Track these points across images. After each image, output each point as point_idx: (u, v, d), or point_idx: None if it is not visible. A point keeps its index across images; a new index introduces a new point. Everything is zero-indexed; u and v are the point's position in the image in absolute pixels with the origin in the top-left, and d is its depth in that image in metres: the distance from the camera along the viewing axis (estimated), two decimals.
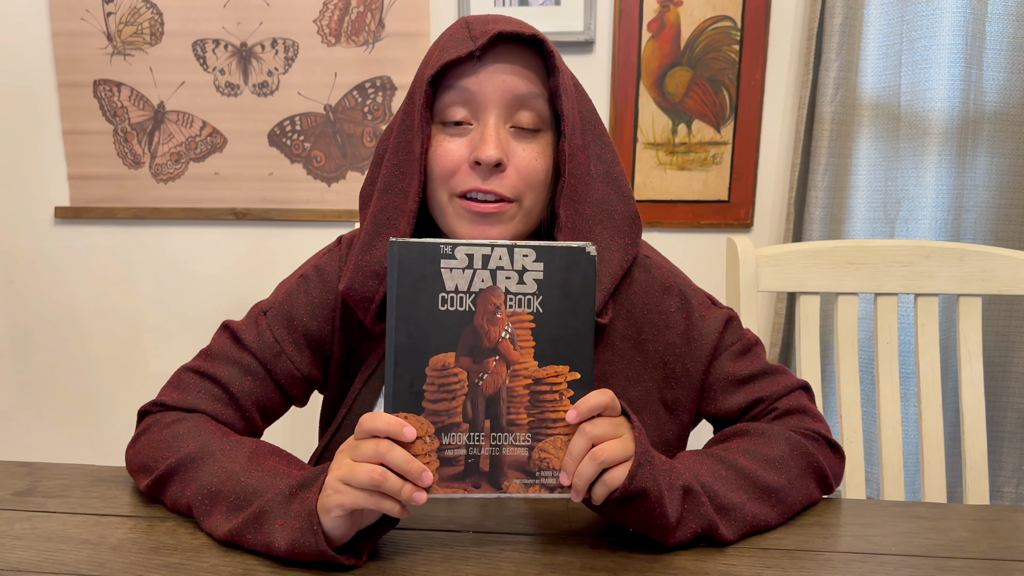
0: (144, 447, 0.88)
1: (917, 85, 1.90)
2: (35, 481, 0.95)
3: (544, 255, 0.72)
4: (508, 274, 0.71)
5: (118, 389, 2.42)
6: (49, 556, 0.76)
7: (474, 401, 0.72)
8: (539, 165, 0.87)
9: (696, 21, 2.03)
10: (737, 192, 2.11)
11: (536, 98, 0.86)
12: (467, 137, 0.87)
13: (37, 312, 2.39)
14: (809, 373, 1.31)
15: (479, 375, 0.71)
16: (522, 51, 0.86)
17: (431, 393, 0.71)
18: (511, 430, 0.72)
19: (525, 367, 0.72)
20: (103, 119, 2.22)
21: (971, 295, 1.30)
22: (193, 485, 0.81)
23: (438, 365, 0.71)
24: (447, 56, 0.84)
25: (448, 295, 0.71)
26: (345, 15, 2.11)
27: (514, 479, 0.72)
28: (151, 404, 0.92)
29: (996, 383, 2.00)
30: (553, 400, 0.72)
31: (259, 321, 0.96)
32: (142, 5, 2.14)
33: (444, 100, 0.86)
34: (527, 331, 0.72)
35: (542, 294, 0.72)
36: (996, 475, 2.04)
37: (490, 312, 0.71)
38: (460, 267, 0.71)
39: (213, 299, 2.31)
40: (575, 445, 0.71)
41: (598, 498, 0.72)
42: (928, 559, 0.79)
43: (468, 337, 0.71)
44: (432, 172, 0.88)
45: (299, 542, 0.71)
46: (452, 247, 0.70)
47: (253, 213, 2.23)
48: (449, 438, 0.71)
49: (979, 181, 1.96)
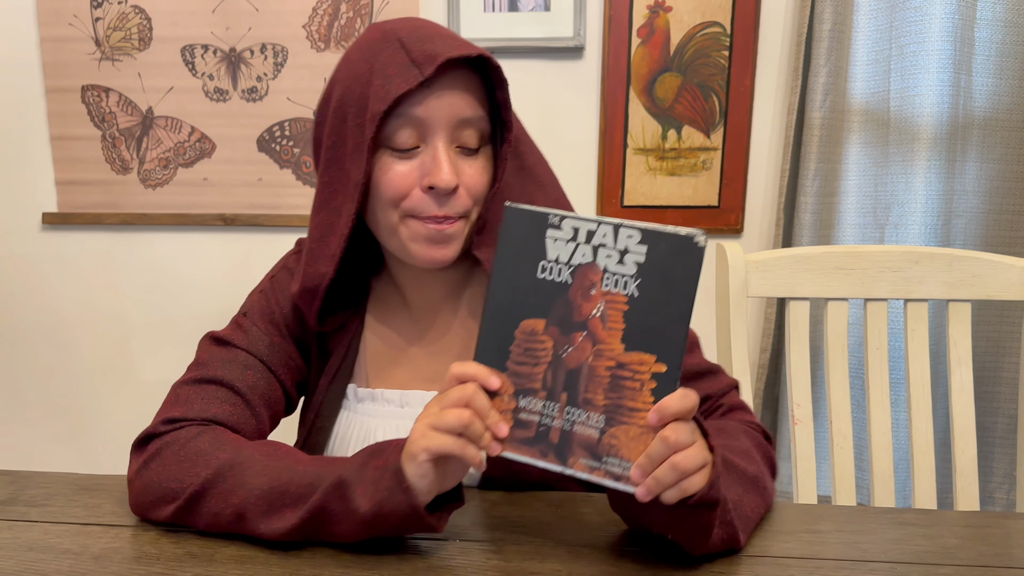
0: (160, 473, 0.83)
1: (906, 91, 1.91)
2: (18, 490, 0.94)
3: (649, 238, 0.70)
4: (609, 252, 0.71)
5: (107, 396, 2.40)
6: (30, 566, 0.75)
7: (555, 371, 0.72)
8: (484, 180, 0.89)
9: (686, 27, 2.04)
10: (727, 198, 2.11)
11: (480, 119, 0.88)
12: (417, 160, 0.87)
13: (24, 319, 2.37)
14: (799, 379, 1.31)
15: (565, 347, 0.72)
16: (465, 71, 0.86)
17: (516, 355, 0.72)
18: (586, 408, 0.71)
19: (611, 348, 0.71)
20: (91, 124, 2.20)
21: (961, 300, 1.30)
22: (240, 491, 0.78)
23: (527, 329, 0.72)
24: (395, 88, 0.82)
25: (548, 264, 0.72)
26: (335, 20, 2.10)
27: (580, 458, 0.71)
28: (157, 426, 0.87)
29: (987, 389, 2.00)
30: (633, 388, 0.70)
31: (241, 323, 0.97)
32: (131, 10, 2.13)
33: (391, 126, 0.85)
34: (619, 313, 0.71)
35: (641, 277, 0.70)
36: (987, 481, 2.04)
37: (585, 288, 0.71)
38: (564, 239, 0.71)
39: (202, 305, 2.29)
40: (655, 450, 0.68)
41: (669, 501, 0.70)
42: (918, 566, 0.78)
43: (560, 308, 0.72)
44: (381, 195, 0.88)
45: (387, 501, 0.72)
46: (560, 219, 0.71)
47: (242, 219, 2.23)
48: (526, 401, 0.72)
49: (969, 186, 1.96)
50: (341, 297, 0.99)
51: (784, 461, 2.07)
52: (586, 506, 0.91)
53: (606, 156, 2.11)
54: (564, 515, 0.88)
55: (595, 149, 2.14)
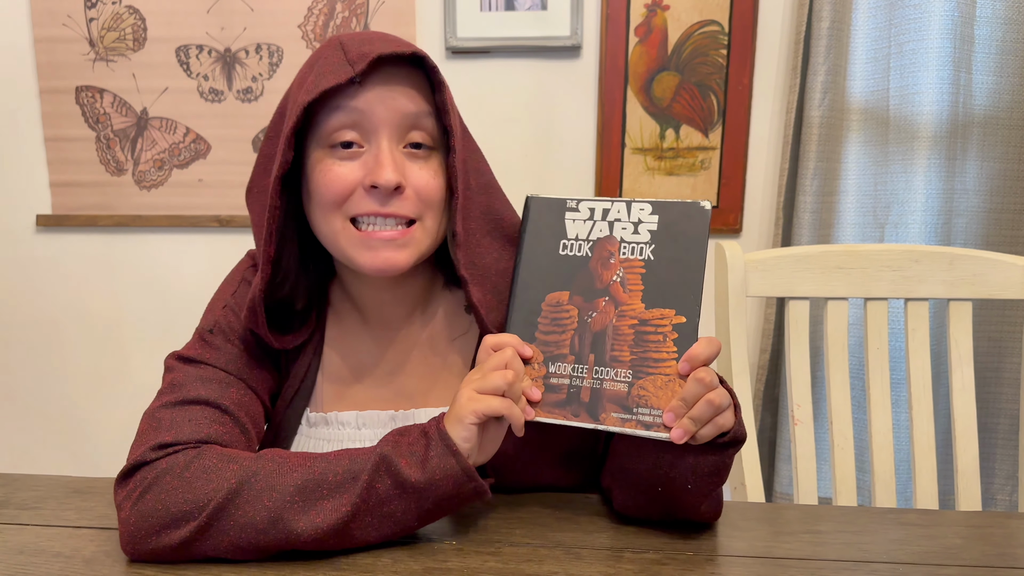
0: (164, 499, 0.75)
1: (906, 89, 1.90)
2: (9, 492, 0.93)
3: (660, 208, 0.79)
4: (624, 225, 0.80)
5: (100, 399, 2.39)
6: (20, 570, 0.75)
7: (582, 336, 0.78)
8: (436, 184, 0.86)
9: (683, 25, 2.03)
10: (726, 197, 2.11)
11: (426, 116, 0.86)
12: (359, 160, 0.85)
13: (18, 321, 2.36)
14: (799, 379, 1.30)
15: (589, 312, 0.78)
16: (405, 70, 0.85)
17: (544, 325, 0.80)
18: (613, 365, 0.77)
19: (632, 308, 0.78)
20: (85, 126, 2.20)
21: (962, 299, 1.29)
22: (272, 494, 0.74)
23: (553, 301, 0.80)
24: (325, 83, 0.81)
25: (568, 241, 0.81)
26: (330, 20, 2.09)
27: (612, 412, 0.76)
28: (144, 454, 0.79)
29: (988, 389, 1.99)
30: (657, 341, 0.76)
31: (210, 340, 0.92)
32: (125, 11, 2.12)
33: (331, 123, 0.84)
34: (637, 276, 0.78)
35: (655, 243, 0.79)
36: (989, 482, 2.03)
37: (604, 258, 0.79)
38: (582, 218, 0.81)
39: (197, 308, 2.23)
40: (690, 390, 0.73)
41: (706, 438, 0.74)
42: (920, 567, 0.77)
43: (582, 278, 0.80)
44: (322, 197, 0.85)
45: (438, 468, 0.74)
46: (577, 202, 0.82)
47: (237, 220, 2.22)
48: (555, 367, 0.78)
49: (969, 185, 1.95)
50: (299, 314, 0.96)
51: (784, 462, 2.06)
52: (583, 507, 0.90)
53: (603, 156, 2.10)
54: (561, 516, 0.87)
55: (592, 149, 2.13)
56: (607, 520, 0.86)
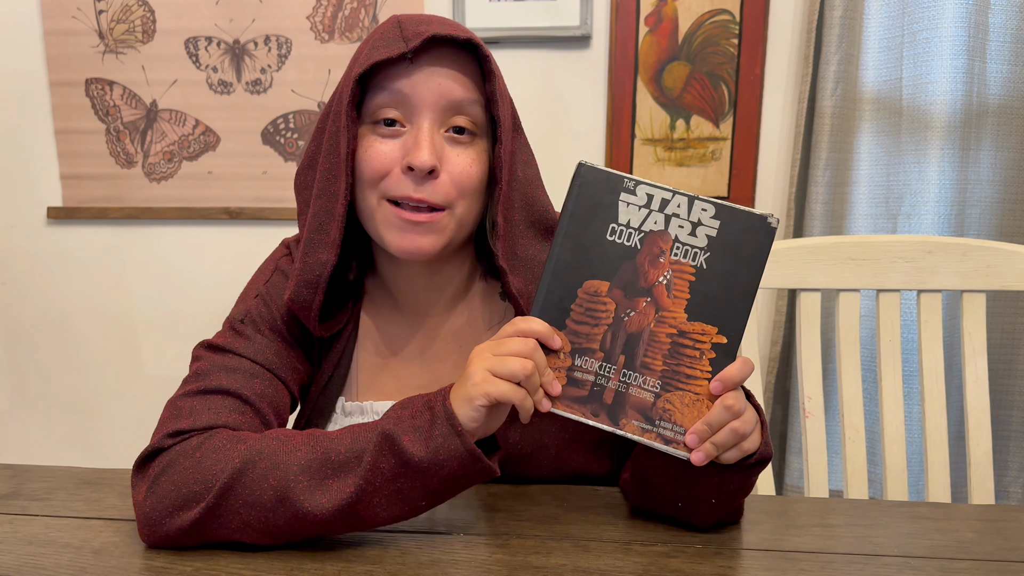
0: (177, 481, 0.76)
1: (919, 78, 1.88)
2: (19, 484, 0.93)
3: (723, 214, 0.72)
4: (682, 223, 0.72)
5: (112, 390, 2.41)
6: (29, 560, 0.75)
7: (615, 333, 0.73)
8: (474, 172, 0.86)
9: (694, 15, 2.01)
10: (737, 188, 2.09)
11: (472, 104, 0.85)
12: (400, 140, 0.85)
13: (30, 313, 2.37)
14: (810, 371, 1.30)
15: (627, 311, 0.73)
16: (457, 54, 0.85)
17: (577, 314, 0.73)
18: (643, 372, 0.73)
19: (674, 316, 0.73)
20: (95, 118, 2.20)
21: (975, 291, 1.28)
22: (276, 472, 0.74)
23: (591, 290, 0.73)
24: (377, 56, 0.82)
25: (619, 227, 0.73)
26: (339, 11, 2.09)
27: (633, 420, 0.73)
28: (161, 440, 0.80)
29: (1002, 381, 1.98)
30: (693, 357, 0.73)
31: (241, 330, 0.91)
32: (134, 3, 2.12)
33: (376, 101, 0.84)
34: (685, 282, 0.73)
35: (711, 251, 0.72)
36: (1002, 475, 2.02)
37: (654, 254, 0.73)
38: (637, 204, 0.72)
39: (207, 299, 2.29)
40: (715, 417, 0.72)
41: (729, 461, 0.74)
42: (932, 560, 0.77)
43: (626, 272, 0.73)
44: (361, 174, 0.86)
45: (442, 448, 0.71)
46: (635, 184, 0.72)
47: (247, 212, 2.22)
48: (582, 361, 0.73)
49: (983, 175, 1.94)
50: (336, 300, 0.96)
51: (795, 455, 2.06)
52: (591, 500, 0.90)
53: (614, 147, 2.09)
54: (569, 508, 0.87)
55: (602, 140, 2.12)
56: (615, 513, 0.86)
